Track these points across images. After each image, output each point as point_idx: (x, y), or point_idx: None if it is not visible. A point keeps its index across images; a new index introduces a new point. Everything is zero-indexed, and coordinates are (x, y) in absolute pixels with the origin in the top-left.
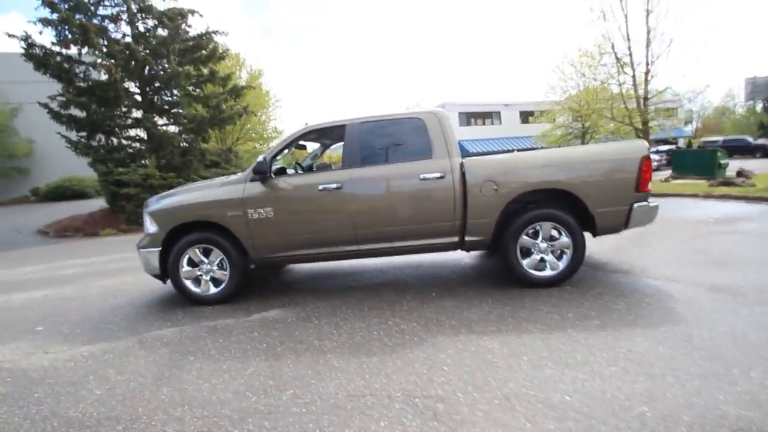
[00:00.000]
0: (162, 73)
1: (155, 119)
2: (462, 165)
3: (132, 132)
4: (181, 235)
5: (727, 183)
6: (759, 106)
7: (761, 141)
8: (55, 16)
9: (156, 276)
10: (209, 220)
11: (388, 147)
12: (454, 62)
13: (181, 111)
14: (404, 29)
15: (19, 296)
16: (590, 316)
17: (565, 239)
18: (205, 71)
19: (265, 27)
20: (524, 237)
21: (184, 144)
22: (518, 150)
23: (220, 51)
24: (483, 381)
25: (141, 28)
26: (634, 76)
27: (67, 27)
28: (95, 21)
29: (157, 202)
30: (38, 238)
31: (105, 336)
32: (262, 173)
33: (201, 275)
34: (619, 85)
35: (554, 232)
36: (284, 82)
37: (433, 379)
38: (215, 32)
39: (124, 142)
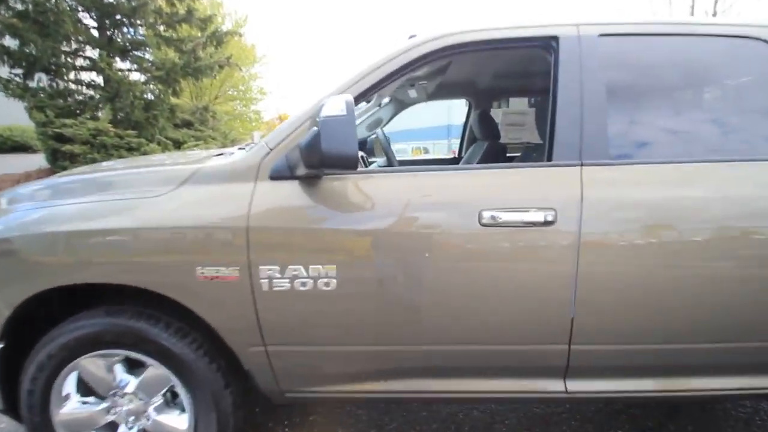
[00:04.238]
0: (125, 2)
1: (113, 60)
2: None
3: (86, 76)
4: (60, 311)
5: None
6: None
7: None
8: None
9: None
10: (141, 285)
11: (676, 113)
12: None
13: (147, 55)
14: None
15: None
16: None
17: None
18: (181, 9)
19: None
20: None
21: (149, 96)
22: None
23: None
24: None
25: None
26: None
27: None
28: None
29: (17, 211)
30: None
31: None
32: (344, 162)
33: (116, 420)
34: None
35: None
36: (270, 37)
37: None
38: None
39: (72, 86)
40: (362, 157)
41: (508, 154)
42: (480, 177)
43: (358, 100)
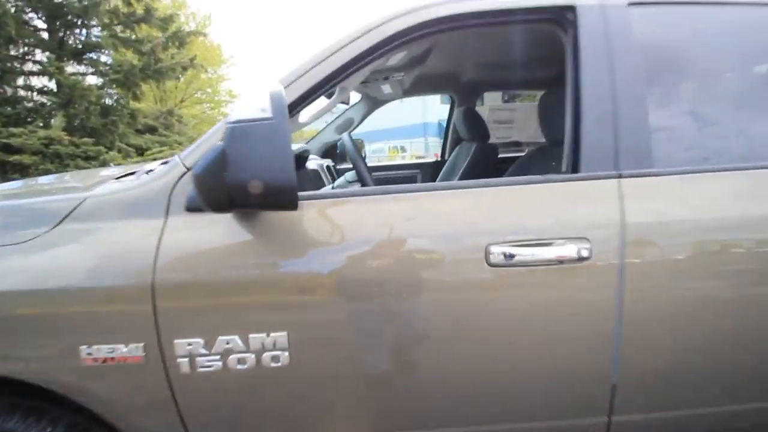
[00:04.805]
0: (76, 2)
1: (64, 64)
2: None
3: (38, 81)
4: None
5: None
6: None
7: None
8: None
9: None
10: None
11: (744, 103)
12: None
13: (103, 57)
14: None
15: None
16: None
17: None
18: (139, 9)
19: None
20: None
21: (108, 100)
22: None
23: None
24: None
25: None
26: None
27: None
28: None
29: None
30: None
31: None
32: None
33: None
34: None
35: None
36: (238, 37)
37: None
38: None
39: (22, 93)
40: (328, 167)
41: (500, 155)
42: (482, 197)
43: (309, 96)
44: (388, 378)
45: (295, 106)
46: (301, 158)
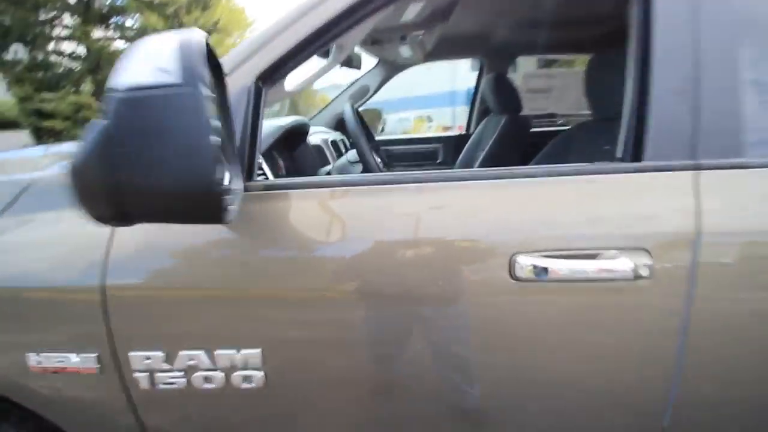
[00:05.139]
0: None
1: (90, 29)
2: None
3: (68, 47)
4: None
5: None
6: None
7: None
8: None
9: None
10: None
11: None
12: None
13: (127, 21)
14: None
15: None
16: None
17: None
18: None
19: None
20: None
21: None
22: None
23: None
24: None
25: None
26: None
27: None
28: None
29: None
30: None
31: None
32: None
33: None
34: None
35: None
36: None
37: None
38: None
39: (53, 58)
40: (334, 141)
41: (533, 129)
42: (507, 191)
43: (295, 55)
44: (374, 404)
45: (279, 68)
46: (299, 133)
